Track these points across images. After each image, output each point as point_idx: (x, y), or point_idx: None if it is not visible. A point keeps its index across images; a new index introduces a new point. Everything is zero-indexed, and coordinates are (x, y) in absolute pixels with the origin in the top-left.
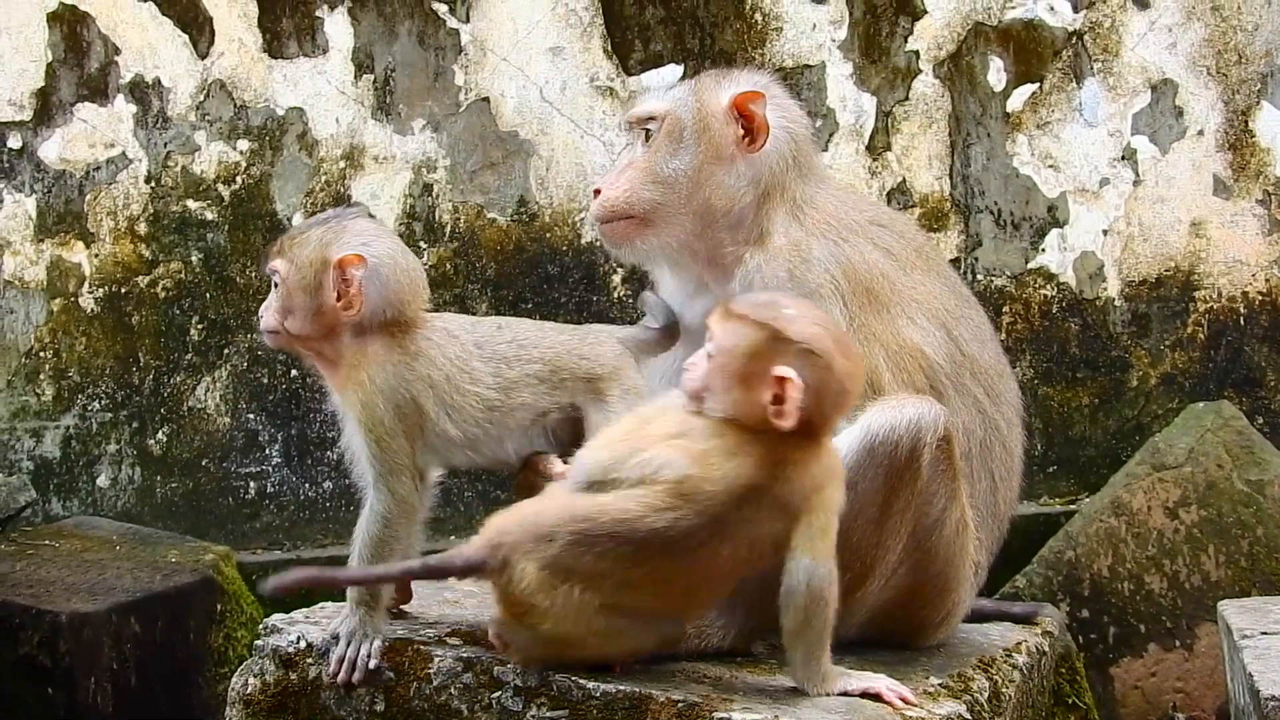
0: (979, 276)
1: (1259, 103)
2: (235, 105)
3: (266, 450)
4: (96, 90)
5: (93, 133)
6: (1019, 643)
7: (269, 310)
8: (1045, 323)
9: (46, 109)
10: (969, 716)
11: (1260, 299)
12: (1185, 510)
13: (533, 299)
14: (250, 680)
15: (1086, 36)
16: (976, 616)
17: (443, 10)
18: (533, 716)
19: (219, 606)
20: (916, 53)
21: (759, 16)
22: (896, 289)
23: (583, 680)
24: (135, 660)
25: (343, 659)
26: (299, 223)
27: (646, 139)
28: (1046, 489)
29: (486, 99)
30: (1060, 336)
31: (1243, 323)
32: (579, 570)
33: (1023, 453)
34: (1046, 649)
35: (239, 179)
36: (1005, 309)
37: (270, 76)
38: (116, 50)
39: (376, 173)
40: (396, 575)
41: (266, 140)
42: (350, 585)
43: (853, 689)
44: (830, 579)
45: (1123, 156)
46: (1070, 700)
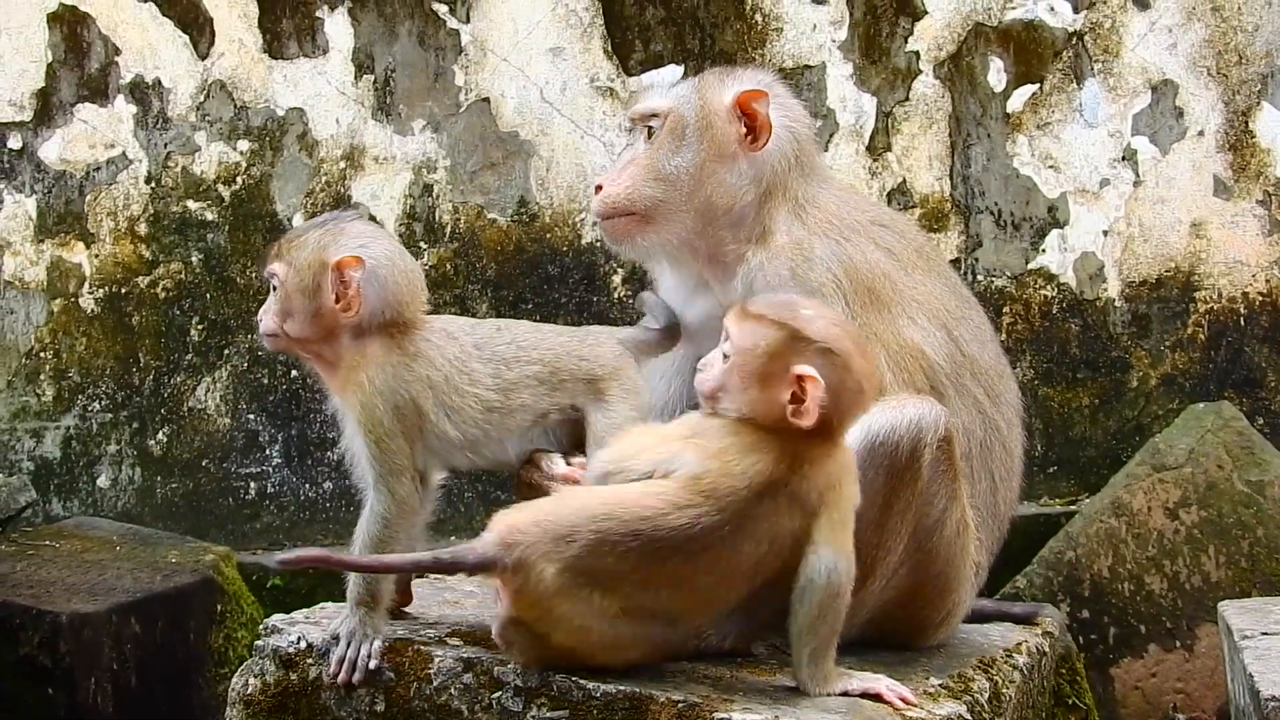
0: (979, 277)
1: (1259, 103)
2: (235, 106)
3: (267, 451)
4: (97, 91)
5: (93, 133)
6: (1019, 643)
7: (268, 313)
8: (1045, 323)
9: (47, 109)
10: (969, 717)
11: (1260, 300)
12: (1185, 511)
13: (533, 299)
14: (250, 680)
15: (1087, 37)
16: (977, 617)
17: (443, 11)
18: (533, 717)
19: (219, 607)
20: (917, 53)
21: (759, 17)
22: (898, 289)
23: (583, 680)
24: (135, 661)
25: (343, 659)
26: (297, 225)
27: (649, 136)
28: (1047, 489)
29: (487, 99)
30: (1060, 337)
31: (1243, 323)
32: (600, 571)
33: (1023, 453)
34: (1047, 649)
35: (239, 179)
36: (1005, 309)
37: (270, 77)
38: (117, 51)
39: (377, 173)
40: (405, 567)
41: (267, 141)
42: (357, 571)
43: (853, 689)
44: (848, 575)
45: (1123, 157)
46: (1070, 701)
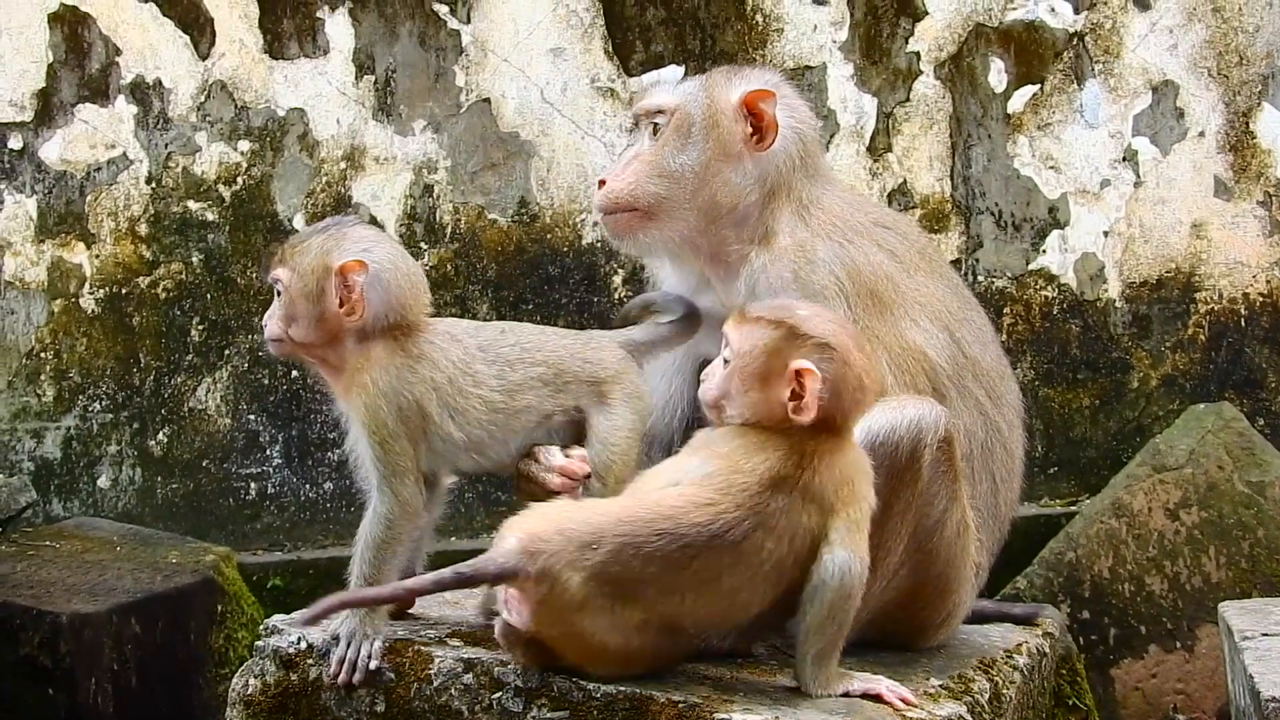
0: (980, 278)
1: (1260, 104)
2: (236, 106)
3: (267, 451)
4: (97, 91)
5: (93, 133)
6: (1020, 644)
7: (272, 319)
8: (1046, 324)
9: (47, 110)
10: (969, 717)
11: (1261, 300)
12: (1186, 512)
13: (533, 300)
14: (251, 681)
15: (1087, 38)
16: (977, 618)
17: (444, 11)
18: (533, 717)
19: (219, 607)
20: (917, 54)
21: (760, 17)
22: (900, 291)
23: (583, 681)
24: (136, 661)
25: (343, 660)
26: (300, 230)
27: (654, 132)
28: (1047, 490)
29: (487, 100)
30: (1061, 338)
31: (1243, 324)
32: (625, 579)
33: (1024, 454)
34: (1047, 650)
35: (240, 180)
36: (1006, 310)
37: (271, 77)
38: (117, 51)
39: (377, 174)
40: (427, 587)
41: (267, 141)
42: (381, 603)
43: (854, 690)
44: (861, 577)
45: (1124, 158)
46: (1071, 701)
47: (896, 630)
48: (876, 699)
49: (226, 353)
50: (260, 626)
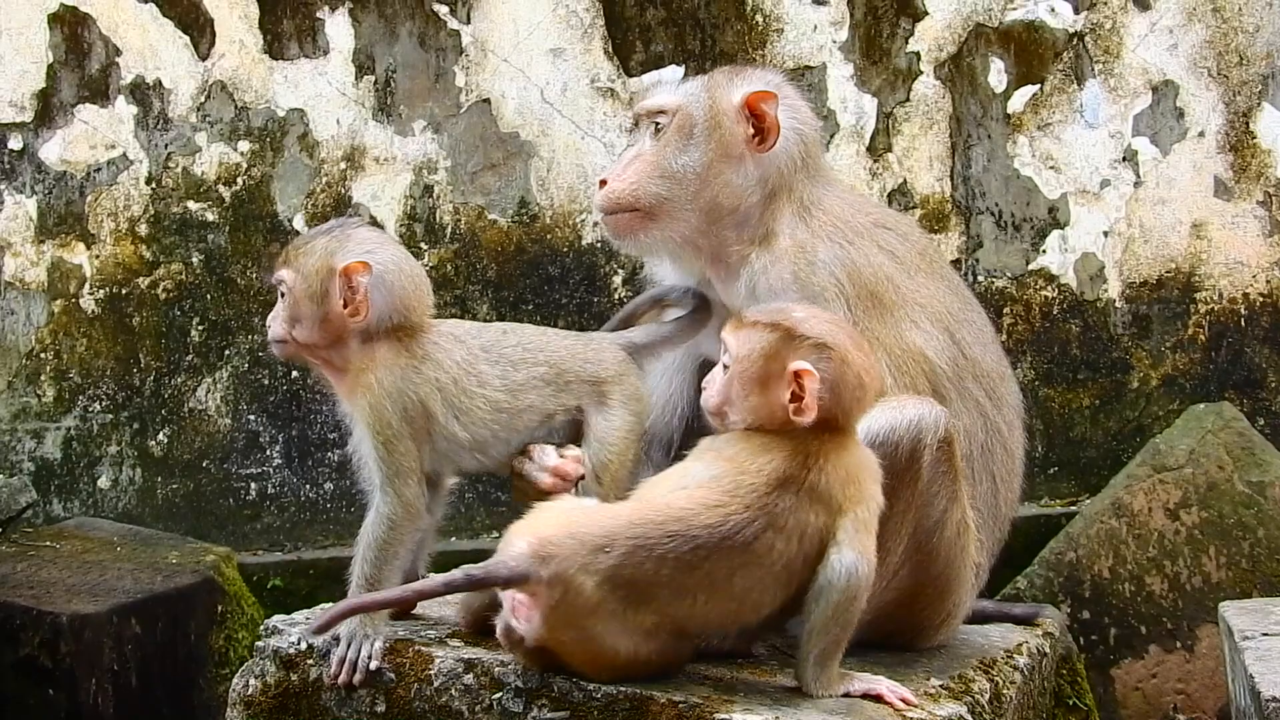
0: (980, 278)
1: (1260, 104)
2: (236, 106)
3: (267, 451)
4: (97, 91)
5: (93, 134)
6: (1020, 644)
7: (276, 320)
8: (1046, 324)
9: (47, 110)
10: (970, 718)
11: (1261, 300)
12: (1186, 512)
13: (533, 300)
14: (251, 681)
15: (1087, 38)
16: (978, 618)
17: (444, 11)
18: (534, 718)
19: (220, 608)
20: (917, 54)
21: (760, 18)
22: (901, 292)
23: (584, 682)
24: (136, 661)
25: (343, 660)
26: (304, 232)
27: (656, 132)
28: (1047, 490)
29: (487, 100)
30: (1061, 338)
31: (1244, 324)
32: (638, 582)
33: (1024, 455)
34: (1047, 650)
35: (240, 180)
36: (1006, 310)
37: (271, 78)
38: (117, 51)
39: (377, 174)
40: (438, 589)
41: (267, 141)
42: (390, 606)
43: (855, 690)
44: (868, 579)
45: (1124, 158)
46: (1071, 702)
47: (897, 630)
48: (877, 699)
49: (226, 353)
50: (260, 627)
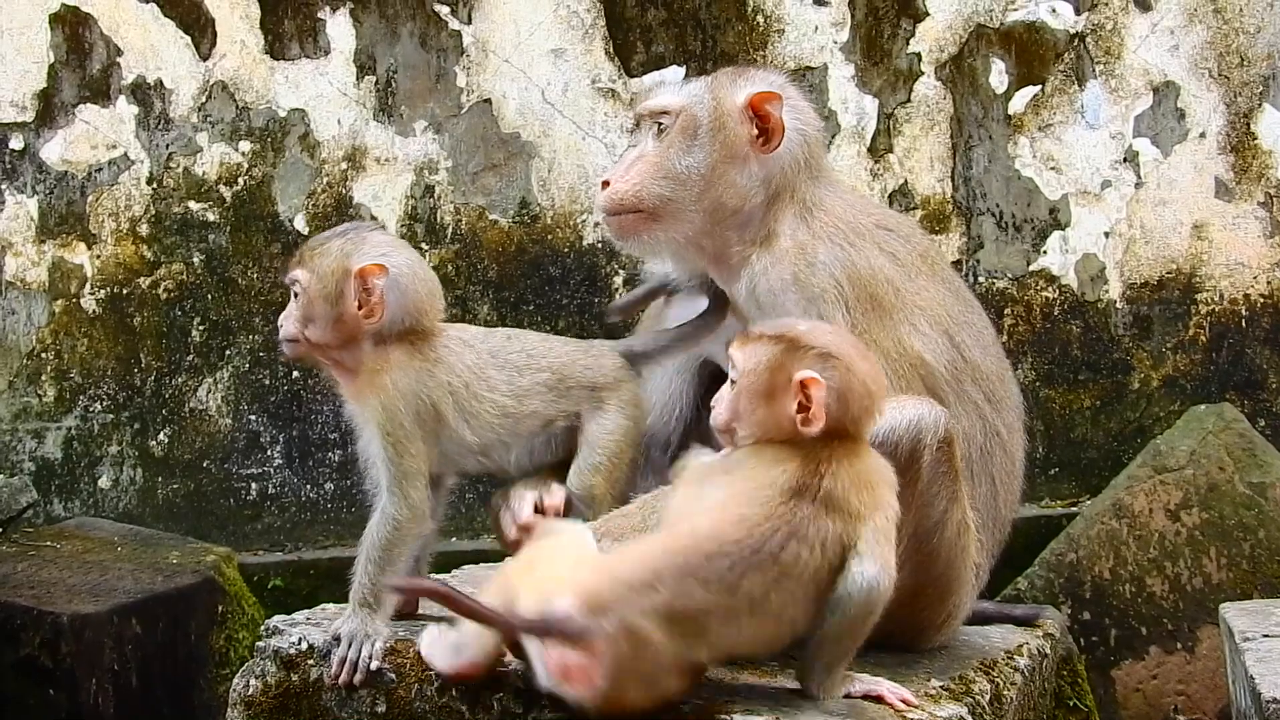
0: (980, 279)
1: (1261, 105)
2: (237, 107)
3: (268, 451)
4: (98, 92)
5: (94, 134)
6: (1020, 645)
7: (289, 319)
8: (1047, 325)
9: (49, 110)
10: (970, 719)
11: (1262, 301)
12: (1187, 513)
13: (534, 300)
14: (252, 681)
15: (1088, 39)
16: (978, 619)
17: (445, 12)
18: (534, 718)
19: (220, 608)
20: (918, 55)
21: (761, 18)
22: (900, 295)
23: None
24: (137, 661)
25: (344, 660)
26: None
27: (659, 133)
28: (1048, 491)
29: (488, 100)
30: (1062, 339)
31: (1244, 325)
32: (690, 612)
33: (1024, 456)
34: (1048, 651)
35: (241, 180)
36: (1007, 311)
37: (272, 78)
38: (118, 51)
39: (378, 174)
40: (510, 626)
41: (268, 142)
42: (468, 615)
43: (855, 692)
44: (888, 591)
45: (1124, 159)
46: (1071, 703)
47: (897, 631)
48: (878, 700)
49: (227, 353)
50: (261, 627)
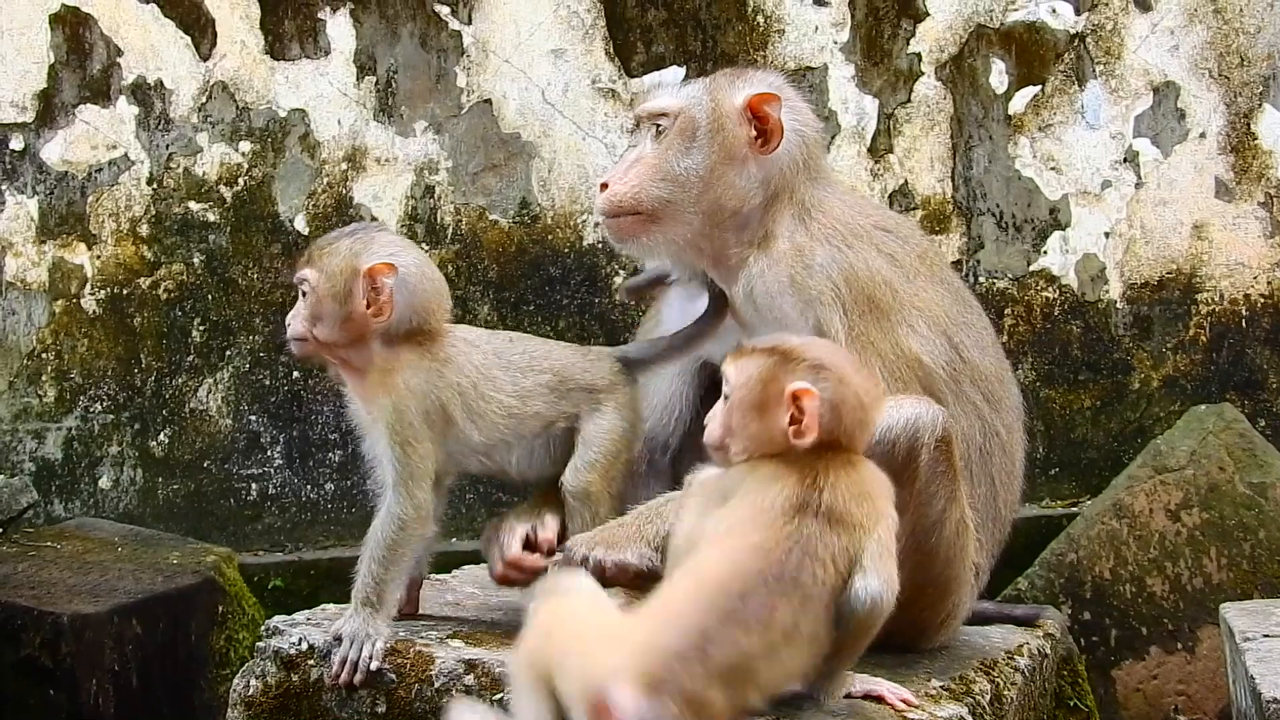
0: (980, 279)
1: (1261, 105)
2: (237, 107)
3: (268, 452)
4: (99, 92)
5: (95, 134)
6: (1021, 645)
7: (297, 318)
8: (1047, 325)
9: (49, 110)
10: (971, 719)
11: (1262, 301)
12: (1187, 513)
13: (534, 301)
14: (252, 682)
15: (1089, 39)
16: (978, 619)
17: (445, 12)
18: None
19: (221, 608)
20: (918, 55)
21: (761, 19)
22: (898, 296)
23: None
24: (137, 662)
25: (345, 660)
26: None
27: (657, 135)
28: (1048, 491)
29: (488, 101)
30: (1062, 339)
31: (1245, 325)
32: (739, 659)
33: (1024, 457)
34: (1048, 651)
35: (241, 181)
36: (1007, 311)
37: (272, 78)
38: (119, 52)
39: (378, 174)
40: None
41: (268, 142)
42: None
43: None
44: (890, 606)
45: (1125, 159)
46: (1072, 703)
47: (897, 631)
48: (878, 700)
49: (228, 353)
50: (261, 627)
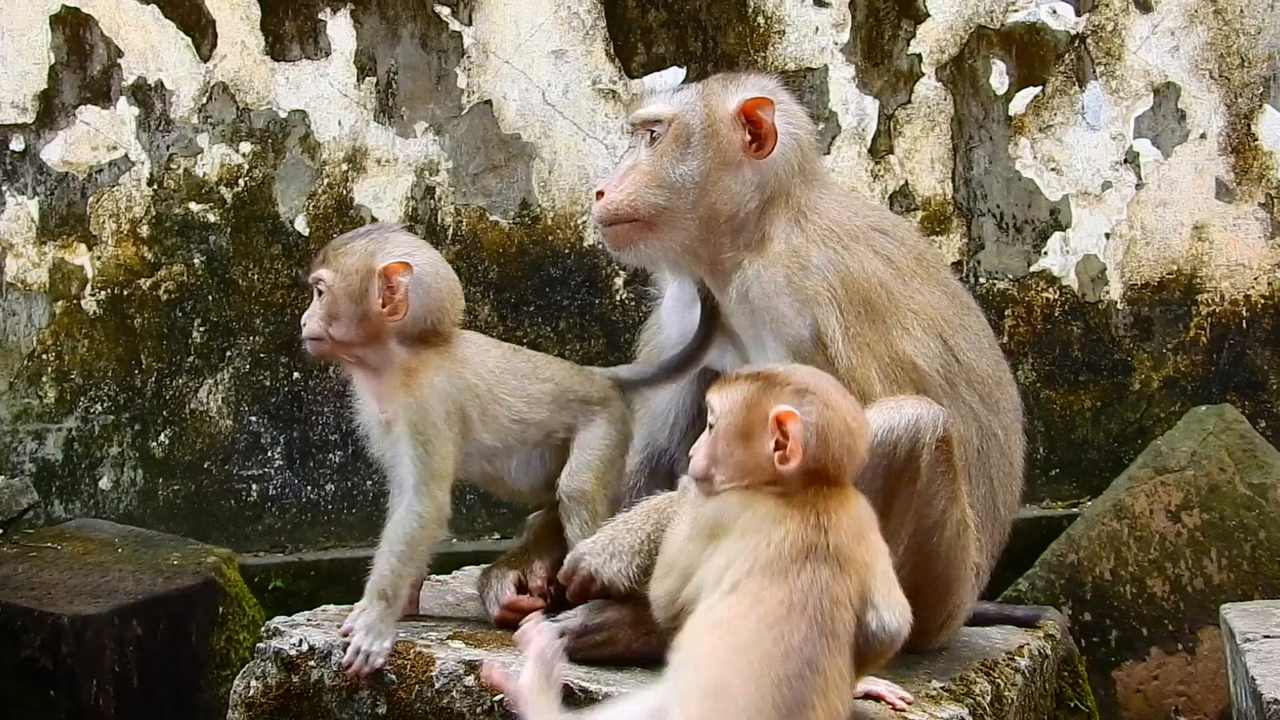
0: (981, 280)
1: (1261, 106)
2: (238, 108)
3: (268, 453)
4: (99, 93)
5: (95, 135)
6: (1021, 646)
7: (312, 318)
8: (1047, 326)
9: (49, 111)
10: (971, 719)
11: (1262, 302)
12: (1187, 513)
13: (535, 302)
14: (252, 683)
15: (1089, 40)
16: (979, 620)
17: (445, 13)
18: None
19: (221, 609)
20: (919, 56)
21: (761, 19)
22: (894, 299)
23: (586, 684)
24: (137, 663)
25: (359, 650)
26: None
27: (652, 141)
28: (1049, 492)
29: (489, 102)
30: (1062, 340)
31: (1245, 326)
32: (810, 713)
33: (1023, 458)
34: (1049, 652)
35: (241, 181)
36: (1007, 312)
37: (273, 79)
38: (119, 53)
39: (379, 175)
40: None
41: (269, 143)
42: None
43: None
44: (906, 634)
45: (1125, 160)
46: (1072, 704)
47: None
48: (877, 699)
49: (228, 354)
50: (262, 628)
